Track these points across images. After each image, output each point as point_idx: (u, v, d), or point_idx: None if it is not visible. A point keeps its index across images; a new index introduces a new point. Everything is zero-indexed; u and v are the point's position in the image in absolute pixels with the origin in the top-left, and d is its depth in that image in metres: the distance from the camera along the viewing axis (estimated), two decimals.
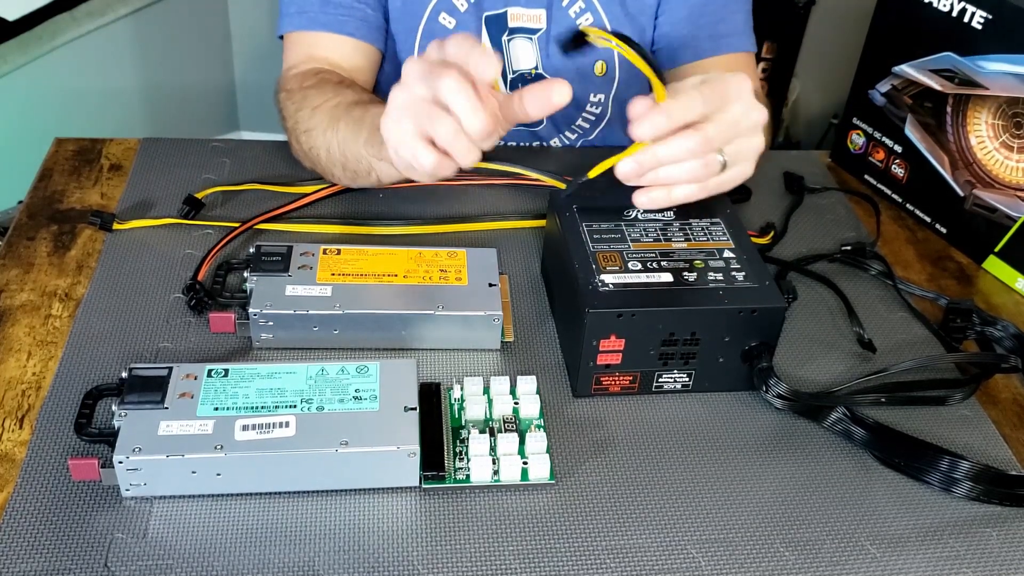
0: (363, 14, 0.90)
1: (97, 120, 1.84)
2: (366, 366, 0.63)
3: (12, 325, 0.71)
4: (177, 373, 0.62)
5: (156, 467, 0.57)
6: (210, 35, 2.12)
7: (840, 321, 0.78)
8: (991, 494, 0.63)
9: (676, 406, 0.69)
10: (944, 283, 0.85)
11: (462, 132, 0.59)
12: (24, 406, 0.65)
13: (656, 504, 0.62)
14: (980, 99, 0.84)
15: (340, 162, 0.79)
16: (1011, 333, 0.77)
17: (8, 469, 0.60)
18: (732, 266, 0.70)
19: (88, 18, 1.74)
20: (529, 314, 0.76)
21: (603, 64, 0.96)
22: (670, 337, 0.67)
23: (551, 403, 0.68)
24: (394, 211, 0.86)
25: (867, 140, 0.96)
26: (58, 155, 0.91)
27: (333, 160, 0.79)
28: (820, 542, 0.60)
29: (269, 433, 0.59)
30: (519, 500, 0.61)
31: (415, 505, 0.60)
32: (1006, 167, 0.84)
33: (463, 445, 0.63)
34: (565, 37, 0.66)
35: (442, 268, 0.73)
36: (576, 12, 0.93)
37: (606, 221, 0.73)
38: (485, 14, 0.93)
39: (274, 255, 0.72)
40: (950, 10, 0.84)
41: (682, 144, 0.64)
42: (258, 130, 2.27)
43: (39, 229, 0.81)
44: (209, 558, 0.56)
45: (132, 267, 0.77)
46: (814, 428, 0.68)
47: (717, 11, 0.93)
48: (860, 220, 0.91)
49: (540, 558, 0.58)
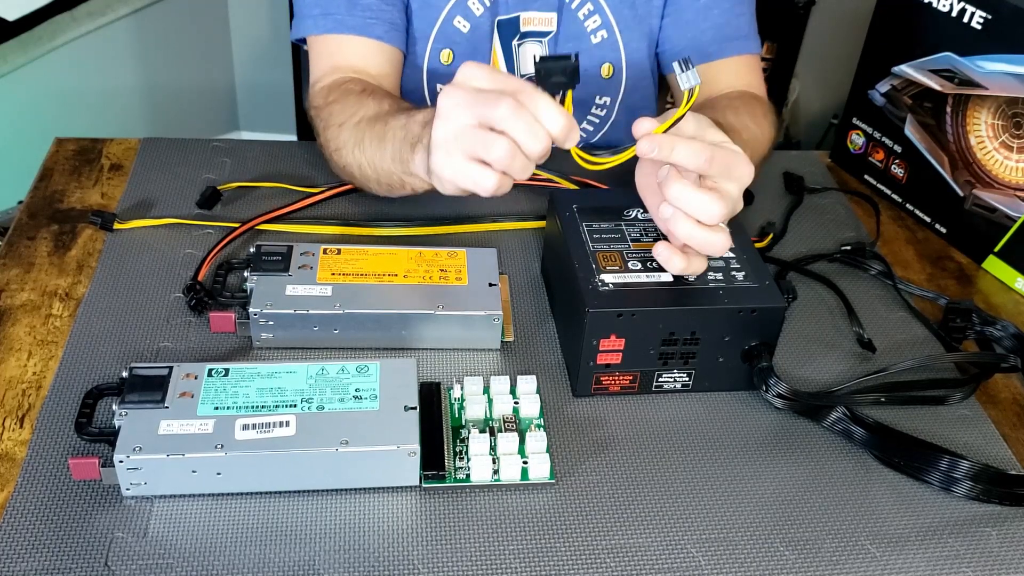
0: (390, 16, 0.89)
1: (97, 120, 1.84)
2: (366, 366, 0.63)
3: (12, 325, 0.71)
4: (177, 372, 0.62)
5: (156, 466, 0.57)
6: (210, 35, 2.12)
7: (840, 321, 0.78)
8: (991, 493, 0.63)
9: (676, 406, 0.69)
10: (944, 283, 0.86)
11: (519, 151, 0.60)
12: (24, 405, 0.65)
13: (656, 503, 0.62)
14: (980, 99, 0.84)
15: (373, 178, 0.79)
16: (1011, 333, 0.77)
17: (8, 468, 0.60)
18: (732, 266, 0.70)
19: (88, 18, 1.74)
20: (529, 314, 0.76)
21: (610, 66, 0.96)
22: (670, 337, 0.67)
23: (551, 403, 0.68)
24: (394, 212, 0.86)
25: (867, 140, 0.96)
26: (58, 155, 0.91)
27: (367, 176, 0.79)
28: (820, 541, 0.60)
29: (269, 432, 0.59)
30: (519, 500, 0.61)
31: (415, 504, 0.60)
32: (1006, 167, 0.84)
33: (463, 445, 0.63)
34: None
35: (442, 268, 0.73)
36: (585, 14, 0.93)
37: (606, 221, 0.73)
38: (498, 18, 0.93)
39: (274, 255, 0.72)
40: (949, 10, 0.84)
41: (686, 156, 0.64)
42: (258, 130, 2.27)
43: (39, 229, 0.81)
44: (209, 557, 0.56)
45: (132, 267, 0.77)
46: (814, 428, 0.68)
47: (723, 14, 0.93)
48: (860, 220, 0.92)
49: (540, 557, 0.58)
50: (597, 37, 0.94)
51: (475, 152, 0.61)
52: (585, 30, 0.94)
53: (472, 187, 0.62)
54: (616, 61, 0.96)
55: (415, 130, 0.72)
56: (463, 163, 0.62)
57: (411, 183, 0.75)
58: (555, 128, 0.60)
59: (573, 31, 0.94)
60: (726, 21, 0.93)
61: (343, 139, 0.80)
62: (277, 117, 2.19)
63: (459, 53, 0.94)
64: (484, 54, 0.94)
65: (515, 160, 0.60)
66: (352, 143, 0.79)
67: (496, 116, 0.59)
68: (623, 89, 0.98)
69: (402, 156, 0.73)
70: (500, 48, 0.95)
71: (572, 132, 0.60)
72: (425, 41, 0.93)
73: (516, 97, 0.59)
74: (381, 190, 0.80)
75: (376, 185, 0.80)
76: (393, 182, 0.77)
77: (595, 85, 0.98)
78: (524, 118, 0.59)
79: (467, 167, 0.61)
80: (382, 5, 0.88)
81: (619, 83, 0.98)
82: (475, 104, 0.60)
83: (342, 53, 0.88)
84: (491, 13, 0.92)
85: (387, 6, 0.88)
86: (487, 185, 0.61)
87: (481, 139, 0.60)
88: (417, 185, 0.75)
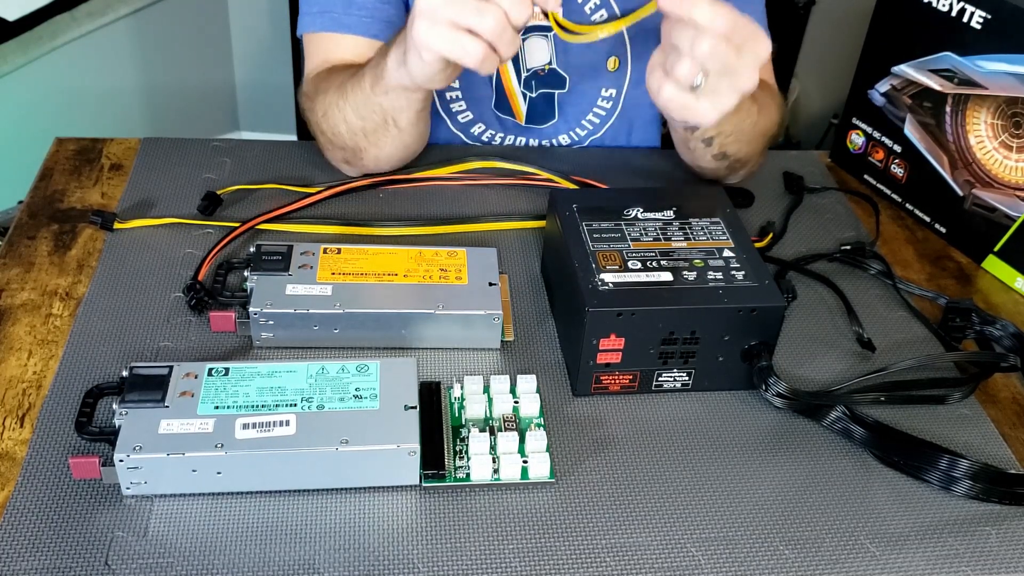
0: (387, 15, 0.89)
1: (97, 120, 1.84)
2: (366, 365, 0.64)
3: (13, 324, 0.71)
4: (178, 372, 0.62)
5: (156, 466, 0.57)
6: (210, 35, 2.12)
7: (839, 320, 0.78)
8: (990, 493, 0.64)
9: (676, 405, 0.69)
10: (943, 283, 0.86)
11: (508, 24, 0.61)
12: (25, 405, 0.65)
13: (656, 502, 0.62)
14: (979, 99, 0.84)
15: (359, 129, 0.80)
16: (1010, 332, 0.77)
17: (9, 468, 0.60)
18: (732, 265, 0.70)
19: (88, 18, 1.74)
20: (529, 313, 0.76)
21: (616, 59, 0.96)
22: (670, 336, 0.67)
23: (551, 402, 0.68)
24: (394, 212, 0.86)
25: (867, 140, 0.96)
26: (59, 155, 0.91)
27: (353, 130, 0.80)
28: (819, 540, 0.60)
29: (269, 432, 0.59)
30: (519, 499, 0.61)
31: (415, 503, 0.60)
32: (1005, 167, 0.84)
33: (463, 444, 0.63)
34: None
35: (442, 267, 0.73)
36: (592, 8, 0.93)
37: (606, 221, 0.73)
38: None
39: (274, 254, 0.73)
40: (949, 10, 0.84)
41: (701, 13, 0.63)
42: (258, 130, 2.27)
43: (40, 228, 0.81)
44: (209, 556, 0.56)
45: (133, 266, 0.77)
46: (814, 427, 0.68)
47: None
48: (860, 220, 0.92)
49: (540, 556, 0.58)
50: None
51: (465, 21, 0.62)
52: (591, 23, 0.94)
53: (460, 55, 0.63)
54: (622, 54, 0.96)
55: (387, 48, 0.74)
56: (450, 31, 0.62)
57: (392, 108, 0.77)
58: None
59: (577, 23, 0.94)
60: None
61: (328, 100, 0.82)
62: (277, 117, 2.19)
63: None
64: None
65: (505, 31, 0.61)
66: (335, 98, 0.81)
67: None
68: (628, 82, 0.98)
69: (376, 73, 0.74)
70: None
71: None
72: None
73: None
74: (369, 143, 0.82)
75: (362, 137, 0.81)
76: (377, 121, 0.79)
77: (601, 78, 0.98)
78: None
79: (455, 35, 0.62)
80: (379, 4, 0.88)
81: (624, 76, 0.98)
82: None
83: (336, 50, 0.89)
84: None
85: (385, 4, 0.89)
86: (476, 54, 0.62)
87: (472, 7, 0.61)
88: (397, 109, 0.77)
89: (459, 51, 0.63)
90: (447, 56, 0.64)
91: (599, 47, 0.95)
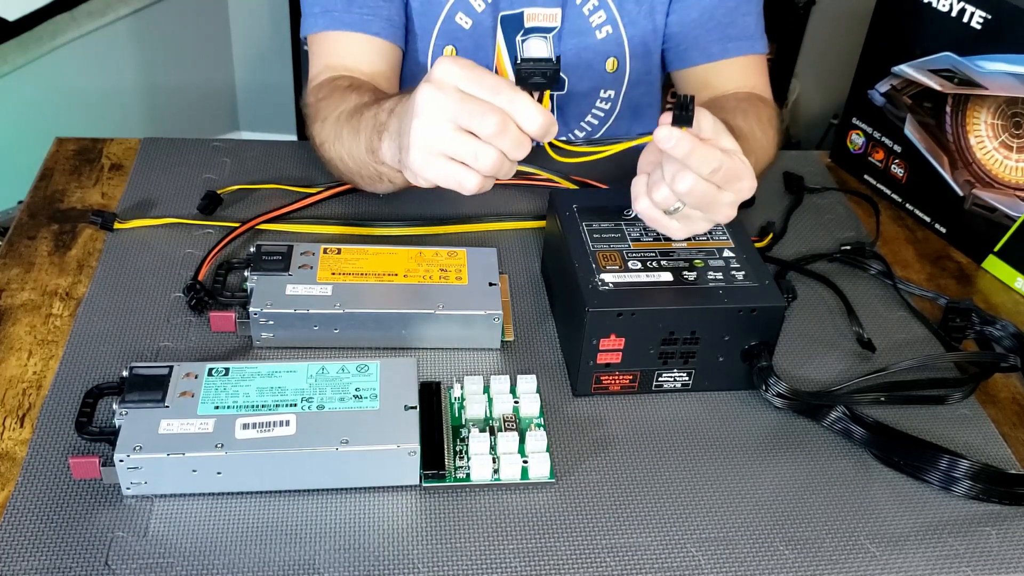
0: (387, 12, 0.89)
1: (97, 120, 1.84)
2: (366, 365, 0.64)
3: (13, 324, 0.71)
4: (178, 372, 0.62)
5: (157, 466, 0.57)
6: (210, 35, 2.12)
7: (840, 320, 0.78)
8: (990, 493, 0.64)
9: (676, 405, 0.69)
10: (943, 283, 0.86)
11: (505, 159, 0.60)
12: (25, 405, 0.65)
13: (656, 503, 0.62)
14: (979, 99, 0.84)
15: (355, 171, 0.79)
16: (1010, 332, 0.77)
17: (9, 468, 0.60)
18: (732, 265, 0.70)
19: (88, 18, 1.74)
20: (529, 314, 0.76)
21: (614, 60, 0.97)
22: (670, 336, 0.67)
23: (551, 402, 0.68)
24: (394, 212, 0.86)
25: (867, 140, 0.96)
26: (59, 155, 0.91)
27: (349, 169, 0.80)
28: (820, 541, 0.60)
29: (269, 432, 0.59)
30: (519, 499, 0.61)
31: (415, 504, 0.60)
32: (1005, 167, 0.84)
33: (463, 444, 0.63)
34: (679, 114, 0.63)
35: (442, 267, 0.73)
36: (590, 10, 0.93)
37: (606, 221, 0.73)
38: (501, 14, 0.93)
39: (274, 254, 0.73)
40: (949, 10, 0.84)
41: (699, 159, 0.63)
42: (258, 130, 2.27)
43: (40, 228, 0.81)
44: (210, 556, 0.56)
45: (133, 266, 0.77)
46: (814, 427, 0.68)
47: (728, 13, 0.93)
48: (860, 220, 0.92)
49: (540, 556, 0.58)
50: (602, 32, 0.94)
51: (460, 158, 0.61)
52: (590, 25, 0.94)
53: (455, 187, 0.63)
54: (621, 56, 0.96)
55: (382, 118, 0.72)
56: (444, 163, 0.62)
57: (386, 174, 0.76)
58: (535, 128, 0.60)
59: (578, 26, 0.94)
60: (731, 20, 0.93)
61: (326, 133, 0.81)
62: (277, 117, 2.19)
63: (462, 49, 0.94)
64: (487, 50, 0.94)
65: (502, 167, 0.61)
66: (333, 136, 0.80)
67: (484, 131, 0.59)
68: (627, 83, 0.98)
69: (372, 145, 0.73)
70: (504, 44, 0.95)
71: (551, 128, 0.61)
72: (428, 38, 0.93)
73: (500, 105, 0.59)
74: (365, 184, 0.81)
75: (359, 179, 0.80)
76: (371, 173, 0.77)
77: (600, 80, 0.98)
78: (511, 133, 0.59)
79: (449, 168, 0.62)
80: (380, 2, 0.88)
81: (623, 77, 0.98)
82: (460, 113, 0.60)
83: (337, 51, 0.89)
84: (493, 9, 0.92)
85: (385, 2, 0.89)
86: (470, 186, 0.62)
87: (467, 147, 0.60)
88: (392, 176, 0.76)
89: (454, 183, 0.63)
90: (442, 185, 0.64)
91: (598, 48, 0.95)
